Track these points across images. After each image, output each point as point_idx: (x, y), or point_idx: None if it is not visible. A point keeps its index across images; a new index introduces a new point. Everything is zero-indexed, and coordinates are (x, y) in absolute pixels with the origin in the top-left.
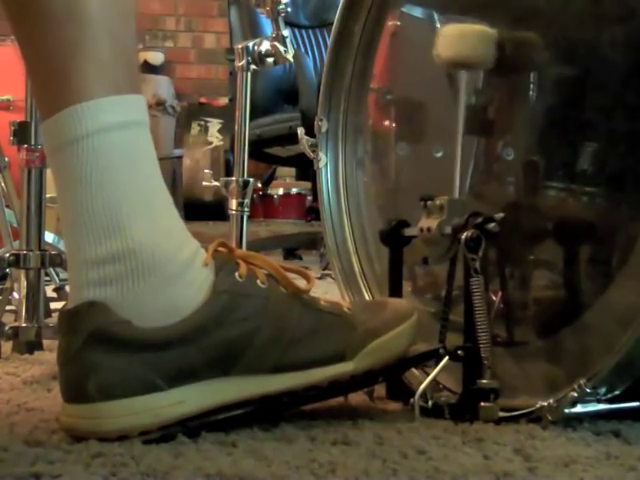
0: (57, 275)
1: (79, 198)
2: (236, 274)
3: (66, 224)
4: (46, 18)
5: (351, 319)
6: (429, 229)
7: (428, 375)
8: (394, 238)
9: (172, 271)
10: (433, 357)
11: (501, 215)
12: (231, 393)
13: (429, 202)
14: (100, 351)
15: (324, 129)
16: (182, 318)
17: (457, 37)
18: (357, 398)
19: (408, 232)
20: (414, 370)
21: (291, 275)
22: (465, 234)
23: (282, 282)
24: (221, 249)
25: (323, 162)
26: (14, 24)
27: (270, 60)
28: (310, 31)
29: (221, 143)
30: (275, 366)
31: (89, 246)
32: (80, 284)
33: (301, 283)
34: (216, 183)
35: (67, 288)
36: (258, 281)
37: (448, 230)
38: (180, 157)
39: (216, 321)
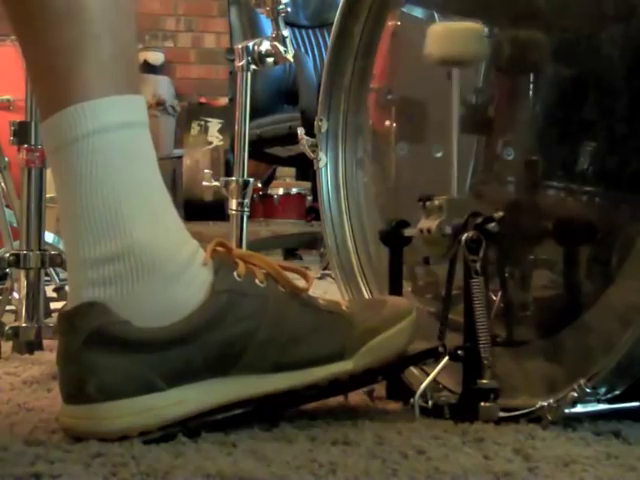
0: (57, 275)
1: (79, 198)
2: (235, 273)
3: (66, 224)
4: (47, 17)
5: (350, 317)
6: (429, 230)
7: (428, 375)
8: (394, 238)
9: (171, 271)
10: (432, 356)
11: (500, 214)
12: (231, 393)
13: (428, 202)
14: (100, 352)
15: (324, 129)
16: (181, 318)
17: (447, 35)
18: (357, 398)
19: (408, 232)
20: (414, 370)
21: (290, 274)
22: (465, 235)
23: (281, 281)
24: (219, 249)
25: (323, 162)
26: (15, 23)
27: (270, 60)
28: (310, 31)
29: (221, 143)
30: (274, 365)
31: (89, 246)
32: (79, 284)
33: (300, 282)
34: (216, 183)
35: (67, 288)
36: (257, 280)
37: (448, 230)
38: (180, 157)
39: (215, 321)
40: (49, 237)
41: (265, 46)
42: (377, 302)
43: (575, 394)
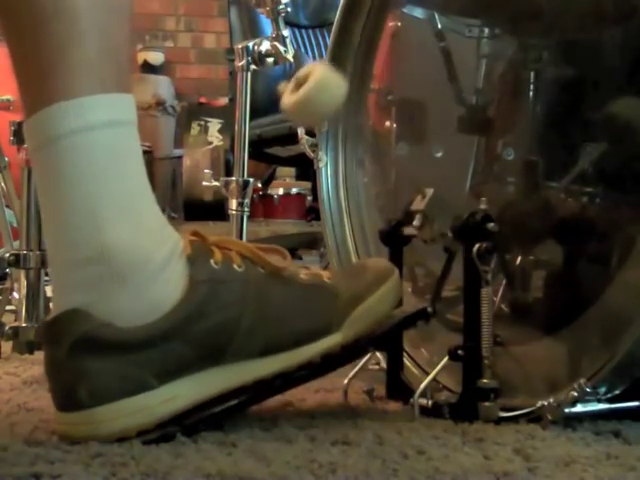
0: None
1: (59, 198)
2: (211, 262)
3: (47, 225)
4: (34, 14)
5: (333, 288)
6: (433, 239)
7: (428, 375)
8: (394, 238)
9: (150, 271)
10: (422, 318)
11: (484, 199)
12: (224, 382)
13: (414, 223)
14: (86, 357)
15: (324, 129)
16: (163, 314)
17: (301, 110)
18: (357, 398)
19: (408, 232)
20: (414, 370)
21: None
22: (477, 246)
23: (259, 262)
24: (193, 238)
25: (323, 162)
26: (2, 20)
27: (270, 60)
28: (310, 31)
29: (221, 143)
30: (264, 349)
31: (69, 247)
32: (61, 287)
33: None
34: (216, 183)
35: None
36: (234, 265)
37: (446, 230)
38: (180, 157)
39: (198, 312)
40: None
41: (265, 46)
42: (358, 267)
43: (575, 394)
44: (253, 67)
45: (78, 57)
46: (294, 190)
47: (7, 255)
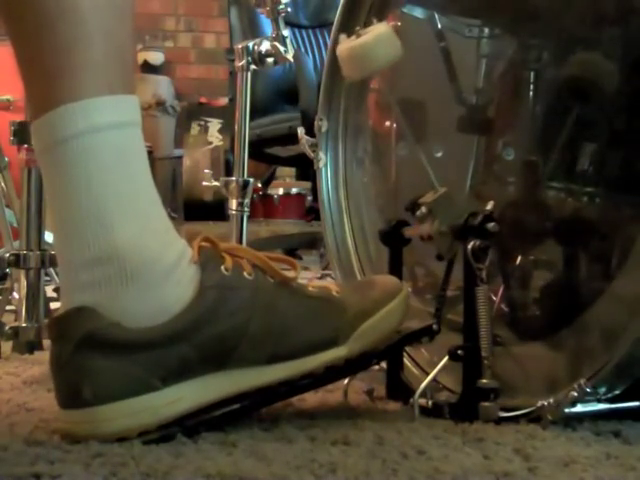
0: (57, 275)
1: (68, 199)
2: (222, 268)
3: (55, 225)
4: (39, 17)
5: (341, 302)
6: (429, 236)
7: (428, 375)
8: (394, 238)
9: (159, 272)
10: (427, 334)
11: (491, 203)
12: (227, 387)
13: (417, 213)
14: (92, 355)
15: (324, 129)
16: (172, 317)
17: (354, 57)
18: (357, 398)
19: (408, 232)
20: (414, 370)
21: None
22: (472, 244)
23: (268, 272)
24: (205, 244)
25: (323, 162)
26: (8, 23)
27: (270, 60)
28: (310, 31)
29: (221, 143)
30: (269, 357)
31: (77, 248)
32: (69, 287)
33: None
34: (216, 183)
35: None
36: (245, 273)
37: (445, 229)
38: (180, 157)
39: (206, 317)
40: (49, 237)
41: (265, 46)
42: (366, 283)
43: (575, 394)
44: (253, 67)
45: (84, 58)
46: (294, 190)
47: (7, 255)
